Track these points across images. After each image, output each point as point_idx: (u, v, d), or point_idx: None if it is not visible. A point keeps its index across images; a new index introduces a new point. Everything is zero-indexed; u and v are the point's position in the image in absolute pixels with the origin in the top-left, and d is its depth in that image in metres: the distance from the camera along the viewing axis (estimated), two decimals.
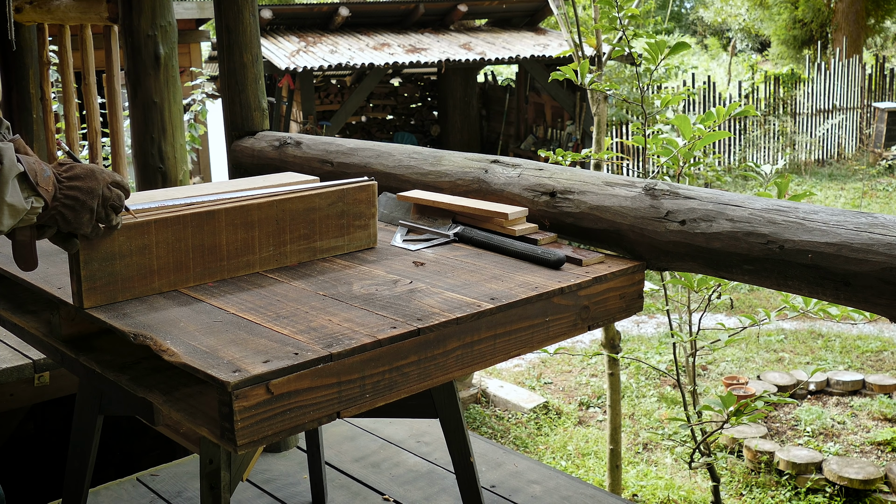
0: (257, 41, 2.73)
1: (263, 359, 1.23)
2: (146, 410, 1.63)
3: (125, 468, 3.16)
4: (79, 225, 1.37)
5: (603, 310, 1.67)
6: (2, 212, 1.25)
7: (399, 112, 14.47)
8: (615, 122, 12.40)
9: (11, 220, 1.27)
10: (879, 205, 11.18)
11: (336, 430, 2.97)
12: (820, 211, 1.49)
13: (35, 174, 1.29)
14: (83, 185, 1.36)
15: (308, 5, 13.24)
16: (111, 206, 1.40)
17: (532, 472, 2.73)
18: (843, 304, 1.47)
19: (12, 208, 1.26)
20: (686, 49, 3.06)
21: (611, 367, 3.76)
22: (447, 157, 2.15)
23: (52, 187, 1.33)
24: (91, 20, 3.36)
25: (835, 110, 14.01)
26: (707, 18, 28.39)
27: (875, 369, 6.32)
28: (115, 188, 1.41)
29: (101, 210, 1.38)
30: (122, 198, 1.43)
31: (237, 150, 2.75)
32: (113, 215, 1.41)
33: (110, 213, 1.40)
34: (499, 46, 12.22)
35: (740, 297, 7.95)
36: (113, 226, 1.43)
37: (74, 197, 1.35)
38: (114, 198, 1.40)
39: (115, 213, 1.41)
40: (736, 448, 5.19)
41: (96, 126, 3.66)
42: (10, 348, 2.87)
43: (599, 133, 3.91)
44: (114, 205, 1.40)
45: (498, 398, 6.13)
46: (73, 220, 1.36)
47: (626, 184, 1.78)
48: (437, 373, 1.41)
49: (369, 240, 1.81)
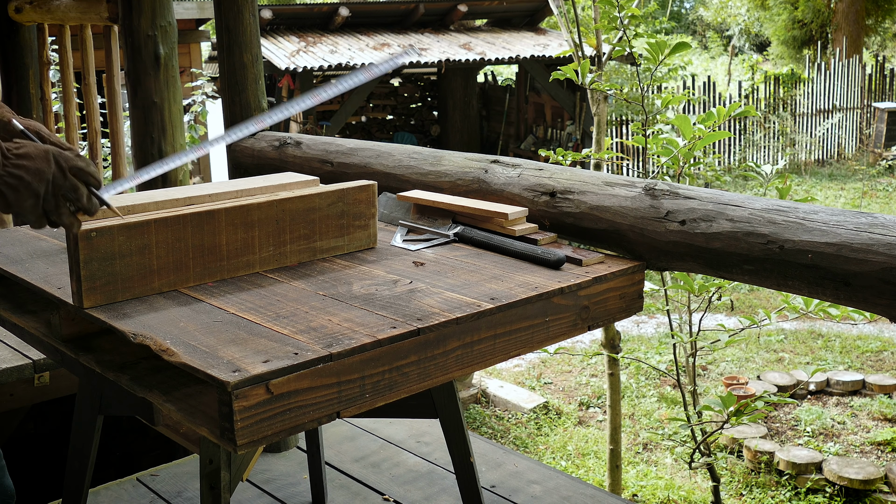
0: (257, 41, 2.74)
1: (263, 359, 1.23)
2: (146, 410, 1.63)
3: (125, 468, 3.16)
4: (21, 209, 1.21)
5: (603, 310, 1.67)
6: None
7: (399, 112, 14.47)
8: (615, 121, 12.40)
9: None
10: (879, 205, 11.18)
11: (336, 430, 2.97)
12: (820, 211, 1.49)
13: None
14: (31, 164, 1.21)
15: (308, 5, 13.25)
16: (63, 196, 1.23)
17: (532, 472, 2.72)
18: (843, 304, 1.47)
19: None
20: (687, 49, 3.06)
21: (611, 367, 3.76)
22: (447, 157, 2.15)
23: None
24: (91, 20, 3.36)
25: (835, 110, 14.01)
26: (707, 18, 28.40)
27: (875, 369, 6.32)
28: (73, 176, 1.24)
29: (49, 199, 1.22)
30: (79, 189, 1.24)
31: (237, 150, 2.75)
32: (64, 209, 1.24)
33: (61, 204, 1.23)
34: (499, 46, 12.22)
35: (740, 297, 7.95)
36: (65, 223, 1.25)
37: (19, 176, 1.20)
38: (67, 188, 1.23)
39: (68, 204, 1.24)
40: (736, 448, 5.19)
41: (96, 126, 3.66)
42: (10, 348, 2.87)
43: (599, 133, 3.91)
44: (67, 195, 1.23)
45: (498, 398, 6.13)
46: (13, 202, 1.21)
47: (626, 184, 1.78)
48: (437, 373, 1.41)
49: (369, 240, 1.81)
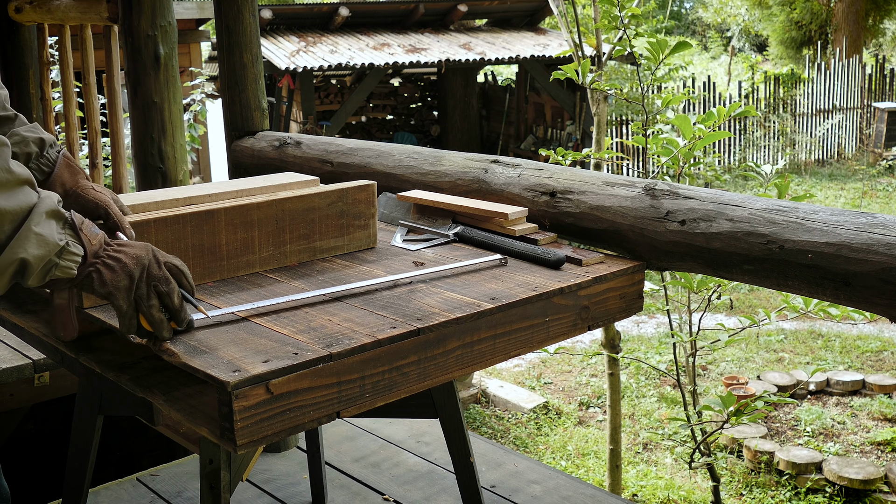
0: (257, 41, 2.74)
1: (263, 358, 1.23)
2: (146, 410, 1.63)
3: (125, 468, 3.16)
4: (115, 290, 1.21)
5: (603, 310, 1.67)
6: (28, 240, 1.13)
7: (399, 112, 14.47)
8: (615, 121, 12.40)
9: (40, 251, 1.14)
10: (879, 205, 11.18)
11: (336, 430, 2.97)
12: (820, 211, 1.49)
13: (81, 222, 1.20)
14: (131, 251, 1.24)
15: (308, 5, 13.24)
16: (154, 287, 1.24)
17: (532, 472, 2.72)
18: (843, 304, 1.47)
19: (41, 239, 1.14)
20: (687, 48, 3.06)
21: (611, 367, 3.76)
22: (447, 157, 2.15)
23: (97, 243, 1.22)
24: (91, 20, 3.36)
25: (835, 110, 14.01)
26: (707, 18, 28.39)
27: (875, 369, 6.32)
28: (166, 269, 1.27)
29: (143, 286, 1.23)
30: (171, 283, 1.25)
31: (237, 150, 2.75)
32: (155, 301, 1.24)
33: (153, 295, 1.24)
34: (499, 46, 12.22)
35: (740, 297, 7.95)
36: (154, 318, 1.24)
37: (118, 258, 1.22)
38: (161, 278, 1.24)
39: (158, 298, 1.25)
40: (736, 448, 5.19)
41: (96, 126, 3.66)
42: (10, 348, 2.87)
43: (599, 133, 3.91)
44: (159, 287, 1.24)
45: (498, 398, 6.12)
46: (109, 282, 1.21)
47: (626, 184, 1.78)
48: (437, 373, 1.41)
49: (369, 240, 1.81)
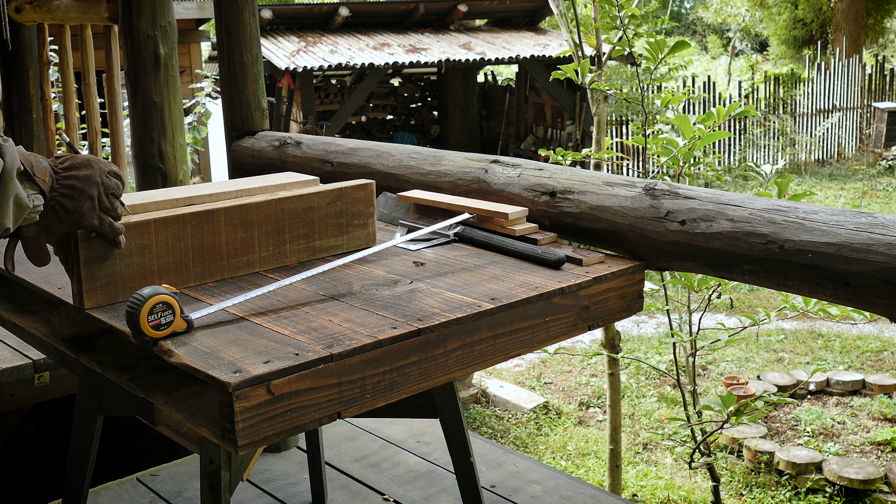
0: (257, 41, 2.74)
1: (264, 359, 1.23)
2: (146, 410, 1.63)
3: (125, 468, 3.16)
4: (80, 215, 1.35)
5: (603, 310, 1.67)
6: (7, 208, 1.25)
7: (399, 112, 14.47)
8: (615, 121, 12.40)
9: (18, 214, 1.27)
10: (879, 205, 11.18)
11: (336, 430, 2.97)
12: (820, 211, 1.49)
13: (31, 165, 1.29)
14: (80, 173, 1.36)
15: (308, 5, 13.24)
16: (112, 195, 1.39)
17: (532, 472, 2.72)
18: (843, 304, 1.47)
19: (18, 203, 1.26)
20: (686, 48, 3.06)
21: (611, 367, 3.76)
22: (447, 157, 2.15)
23: (48, 178, 1.32)
24: (91, 20, 3.36)
25: (835, 110, 14.01)
26: (707, 19, 28.39)
27: (875, 369, 6.32)
28: (112, 177, 1.40)
29: (103, 199, 1.38)
30: (120, 187, 1.42)
31: (237, 150, 2.75)
32: (117, 203, 1.40)
33: (113, 201, 1.39)
34: (499, 46, 12.22)
35: (740, 297, 7.95)
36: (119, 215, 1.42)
37: (72, 185, 1.34)
38: (113, 186, 1.40)
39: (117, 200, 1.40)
40: (736, 448, 5.19)
41: (96, 126, 3.66)
42: (10, 348, 2.87)
43: (599, 133, 3.91)
44: (114, 193, 1.40)
45: (498, 398, 6.13)
46: (73, 210, 1.35)
47: (626, 184, 1.78)
48: (437, 373, 1.41)
49: (368, 239, 1.81)
